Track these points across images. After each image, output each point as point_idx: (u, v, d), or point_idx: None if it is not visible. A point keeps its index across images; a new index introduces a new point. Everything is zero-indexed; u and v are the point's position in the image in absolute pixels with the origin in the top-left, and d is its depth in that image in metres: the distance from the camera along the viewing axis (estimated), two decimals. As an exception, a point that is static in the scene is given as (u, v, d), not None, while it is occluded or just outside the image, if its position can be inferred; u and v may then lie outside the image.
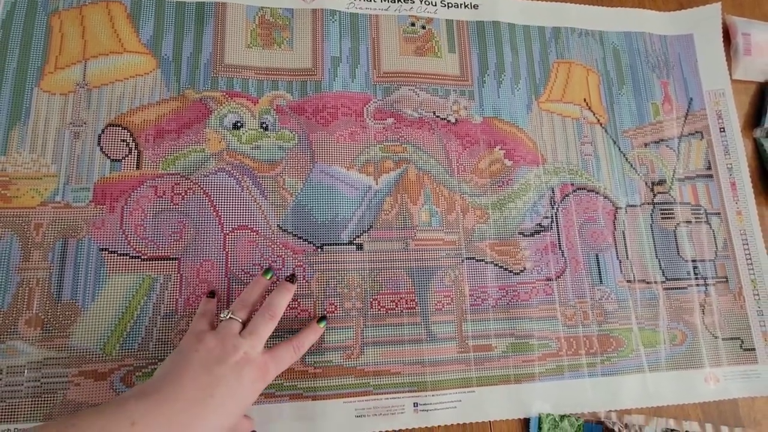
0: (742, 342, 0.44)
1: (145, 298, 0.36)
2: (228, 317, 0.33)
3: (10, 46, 0.39)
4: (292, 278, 0.36)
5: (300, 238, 0.39)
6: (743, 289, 0.45)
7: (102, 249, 0.36)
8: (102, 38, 0.40)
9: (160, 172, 0.38)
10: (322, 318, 0.37)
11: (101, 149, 0.38)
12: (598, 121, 0.47)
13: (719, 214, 0.47)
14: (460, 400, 0.38)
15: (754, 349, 0.43)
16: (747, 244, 0.46)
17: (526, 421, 0.39)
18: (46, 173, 0.37)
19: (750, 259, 0.46)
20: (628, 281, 0.43)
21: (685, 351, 0.42)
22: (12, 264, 0.35)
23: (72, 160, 0.38)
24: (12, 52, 0.39)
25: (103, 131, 0.39)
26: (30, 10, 0.40)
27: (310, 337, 0.36)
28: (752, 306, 0.45)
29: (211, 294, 0.36)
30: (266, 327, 0.33)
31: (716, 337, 0.43)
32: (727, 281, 0.45)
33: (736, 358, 0.43)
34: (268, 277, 0.36)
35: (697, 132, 0.49)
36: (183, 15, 0.42)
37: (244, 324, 0.33)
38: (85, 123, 0.39)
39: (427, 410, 0.37)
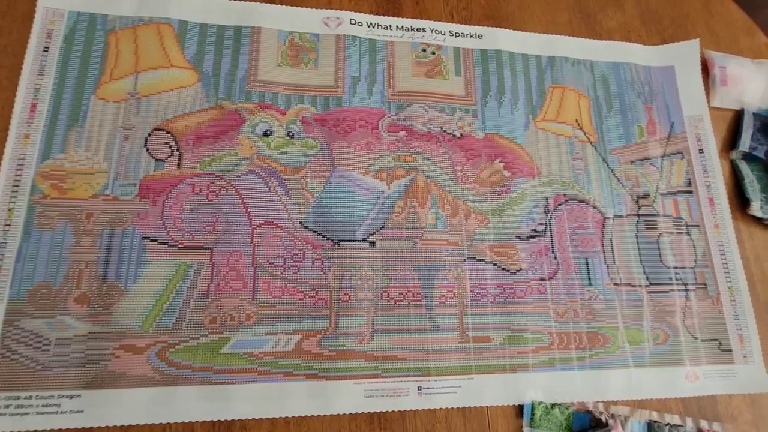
0: (720, 343, 0.47)
1: (180, 282, 0.40)
2: None
3: (71, 59, 0.44)
4: None
5: (319, 234, 0.44)
6: (721, 295, 0.49)
7: (144, 237, 0.41)
8: (152, 55, 0.46)
9: (197, 172, 0.43)
10: None
11: (147, 150, 0.43)
12: (589, 139, 0.52)
13: (699, 226, 0.51)
14: (460, 386, 0.42)
15: (731, 350, 0.47)
16: (724, 254, 0.50)
17: (520, 408, 0.42)
18: (98, 170, 0.42)
19: (727, 268, 0.50)
20: (615, 284, 0.48)
21: (668, 350, 0.46)
22: (65, 248, 0.39)
23: (121, 159, 0.43)
24: (73, 63, 0.44)
25: (149, 135, 0.44)
26: (90, 28, 0.46)
27: None
28: (729, 311, 0.49)
29: None
30: None
31: (696, 338, 0.47)
32: (706, 288, 0.49)
33: (715, 358, 0.47)
34: None
35: (678, 152, 0.54)
36: (223, 36, 0.48)
37: None
38: (134, 127, 0.44)
39: (430, 394, 0.41)
